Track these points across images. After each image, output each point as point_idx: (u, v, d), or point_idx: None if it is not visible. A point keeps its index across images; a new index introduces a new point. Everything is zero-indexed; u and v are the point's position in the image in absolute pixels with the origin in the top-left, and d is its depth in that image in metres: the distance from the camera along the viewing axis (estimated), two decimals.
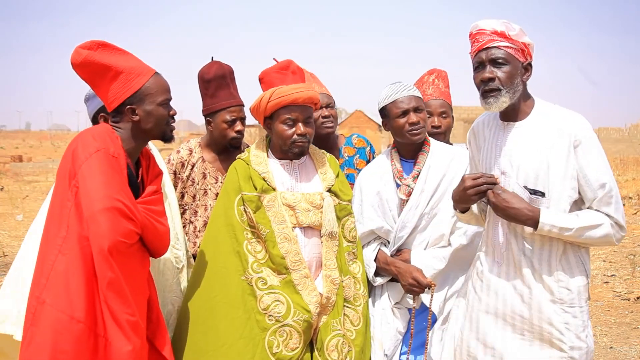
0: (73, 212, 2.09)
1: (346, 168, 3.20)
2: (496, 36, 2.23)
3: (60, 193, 2.15)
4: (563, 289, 2.23)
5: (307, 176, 2.67)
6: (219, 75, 2.94)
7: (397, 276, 2.69)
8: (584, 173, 2.18)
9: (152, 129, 2.28)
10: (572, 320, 2.23)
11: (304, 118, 2.57)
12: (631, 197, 14.13)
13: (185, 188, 2.99)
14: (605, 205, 2.18)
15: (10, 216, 11.67)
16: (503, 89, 2.22)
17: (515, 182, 2.26)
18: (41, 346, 2.04)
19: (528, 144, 2.26)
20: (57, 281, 2.06)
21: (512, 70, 2.22)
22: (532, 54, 2.28)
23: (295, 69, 2.65)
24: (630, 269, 7.51)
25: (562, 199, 2.20)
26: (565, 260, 2.25)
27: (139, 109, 2.24)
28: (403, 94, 2.72)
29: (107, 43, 2.24)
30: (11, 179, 19.40)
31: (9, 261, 7.85)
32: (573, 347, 2.23)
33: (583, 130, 2.20)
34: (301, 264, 2.51)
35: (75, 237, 2.08)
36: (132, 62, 2.26)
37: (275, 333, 2.43)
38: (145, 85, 2.24)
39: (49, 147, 48.66)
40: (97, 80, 2.25)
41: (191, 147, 3.07)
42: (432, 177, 2.73)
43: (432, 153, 2.79)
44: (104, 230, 2.03)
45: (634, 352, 5.02)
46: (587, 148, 2.18)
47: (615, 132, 29.97)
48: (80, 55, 2.19)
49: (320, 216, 2.58)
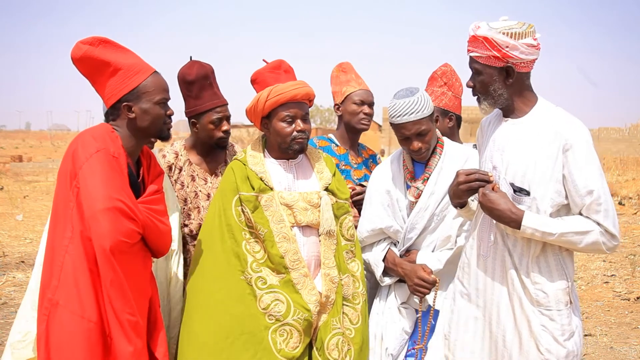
0: (75, 212, 2.10)
1: (364, 168, 3.27)
2: (470, 44, 2.26)
3: (62, 194, 2.15)
4: (539, 291, 2.22)
5: (304, 175, 2.68)
6: (201, 75, 2.87)
7: (403, 277, 2.70)
8: (572, 178, 2.15)
9: (148, 128, 2.27)
10: (549, 324, 2.22)
11: (302, 115, 2.58)
12: (631, 197, 14.14)
13: (175, 192, 2.96)
14: (594, 212, 2.14)
15: (10, 216, 11.67)
16: (481, 97, 2.29)
17: (503, 177, 2.27)
18: (57, 348, 2.04)
19: (520, 141, 2.25)
20: (68, 282, 2.07)
21: (486, 79, 2.25)
22: (512, 54, 2.17)
23: (287, 67, 2.66)
24: (630, 269, 7.52)
25: (545, 201, 2.19)
26: (544, 262, 2.23)
27: (135, 106, 2.23)
28: (404, 119, 2.58)
29: (109, 40, 2.24)
30: (11, 179, 19.40)
31: (9, 261, 7.85)
32: (550, 351, 2.21)
33: (576, 135, 2.17)
34: (300, 263, 2.51)
35: (78, 237, 2.08)
36: (131, 60, 2.26)
37: (276, 332, 2.43)
38: (142, 83, 2.23)
39: (49, 147, 48.66)
40: (96, 76, 2.25)
41: (177, 150, 3.01)
42: (443, 180, 2.70)
43: (445, 155, 2.75)
44: (106, 230, 2.03)
45: (634, 352, 5.02)
46: (577, 153, 2.15)
47: (615, 132, 29.98)
48: (80, 50, 2.19)
49: (318, 215, 2.58)
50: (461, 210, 2.47)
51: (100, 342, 2.07)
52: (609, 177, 18.64)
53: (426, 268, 2.64)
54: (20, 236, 9.63)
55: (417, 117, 2.57)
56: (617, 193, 14.73)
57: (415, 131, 2.60)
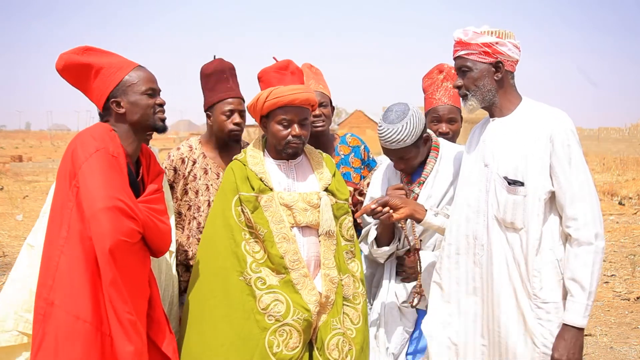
0: (75, 212, 2.10)
1: (342, 166, 3.21)
2: (458, 46, 2.37)
3: (60, 194, 2.16)
4: (535, 284, 2.24)
5: (303, 176, 2.68)
6: (218, 70, 2.96)
7: (388, 204, 2.55)
8: (556, 173, 2.23)
9: (140, 120, 2.28)
10: (545, 317, 2.24)
11: (300, 119, 2.57)
12: (631, 197, 14.13)
13: (188, 184, 3.00)
14: (580, 200, 2.20)
15: (10, 216, 11.66)
16: (469, 94, 2.37)
17: (496, 172, 2.33)
18: (51, 348, 2.04)
19: (509, 137, 2.34)
20: (63, 281, 2.08)
21: (476, 74, 2.34)
22: (501, 50, 2.31)
23: (294, 69, 2.65)
24: (630, 269, 7.51)
25: (539, 188, 2.25)
26: (539, 256, 2.26)
27: (123, 100, 2.25)
28: (387, 144, 2.61)
29: (92, 47, 2.29)
30: (11, 179, 19.39)
31: (8, 261, 7.85)
32: (546, 345, 2.23)
33: (560, 124, 2.25)
34: (300, 263, 2.51)
35: (77, 236, 2.08)
36: (113, 59, 2.29)
37: (275, 333, 2.43)
38: (126, 77, 2.26)
39: (49, 147, 48.64)
40: (83, 82, 2.28)
41: (191, 144, 3.08)
42: (440, 183, 2.71)
43: (441, 158, 2.76)
44: (106, 230, 2.03)
45: (634, 352, 5.02)
46: (562, 143, 2.23)
47: (615, 132, 29.97)
48: (62, 60, 2.24)
49: (317, 215, 2.58)
50: (423, 224, 2.57)
51: (97, 343, 2.07)
52: (609, 177, 18.62)
53: None
54: (20, 236, 9.62)
55: (399, 146, 2.61)
56: (617, 193, 14.72)
57: (398, 155, 2.65)
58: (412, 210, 2.52)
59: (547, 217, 2.27)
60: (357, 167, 3.18)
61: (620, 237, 9.60)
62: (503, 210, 2.30)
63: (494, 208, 2.32)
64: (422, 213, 2.54)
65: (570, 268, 2.22)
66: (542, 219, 2.25)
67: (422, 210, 2.54)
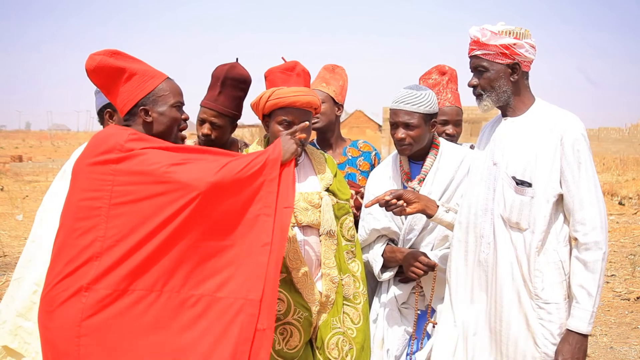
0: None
1: (348, 167, 3.22)
2: (475, 45, 2.35)
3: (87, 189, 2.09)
4: (537, 284, 2.25)
5: (305, 176, 2.68)
6: (221, 75, 2.88)
7: (402, 262, 2.68)
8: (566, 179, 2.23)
9: (164, 132, 2.28)
10: (546, 317, 2.24)
11: (301, 122, 2.56)
12: (631, 197, 14.14)
13: None
14: (589, 205, 2.19)
15: (10, 216, 11.67)
16: (484, 94, 2.36)
17: (505, 171, 2.33)
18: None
19: (520, 137, 2.33)
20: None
21: (493, 75, 2.33)
22: (519, 52, 2.29)
23: (301, 71, 2.63)
24: (630, 269, 7.52)
25: (547, 191, 2.25)
26: (542, 255, 2.26)
27: (152, 110, 2.26)
28: (399, 105, 2.66)
29: (120, 51, 2.29)
30: (11, 179, 19.40)
31: (9, 261, 7.85)
32: (547, 345, 2.24)
33: (571, 127, 2.24)
34: (300, 262, 2.51)
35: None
36: (144, 66, 2.30)
37: (276, 331, 2.44)
38: (158, 87, 2.27)
39: (49, 147, 48.70)
40: (111, 84, 2.27)
41: None
42: (440, 180, 2.72)
43: (441, 155, 2.77)
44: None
45: (634, 352, 5.03)
46: (572, 147, 2.22)
47: (615, 132, 29.95)
48: (94, 61, 2.22)
49: (318, 215, 2.58)
50: (434, 220, 2.58)
51: None
52: (609, 177, 18.64)
53: (425, 255, 2.66)
54: (20, 236, 9.62)
55: (412, 109, 2.63)
56: (617, 193, 14.73)
57: (404, 120, 2.65)
58: (425, 205, 2.53)
59: (553, 218, 2.26)
60: (364, 171, 3.19)
61: (620, 237, 9.61)
62: (509, 210, 2.30)
63: (500, 207, 2.33)
64: (434, 209, 2.54)
65: (577, 274, 2.21)
66: (548, 221, 2.24)
67: (434, 206, 2.55)
